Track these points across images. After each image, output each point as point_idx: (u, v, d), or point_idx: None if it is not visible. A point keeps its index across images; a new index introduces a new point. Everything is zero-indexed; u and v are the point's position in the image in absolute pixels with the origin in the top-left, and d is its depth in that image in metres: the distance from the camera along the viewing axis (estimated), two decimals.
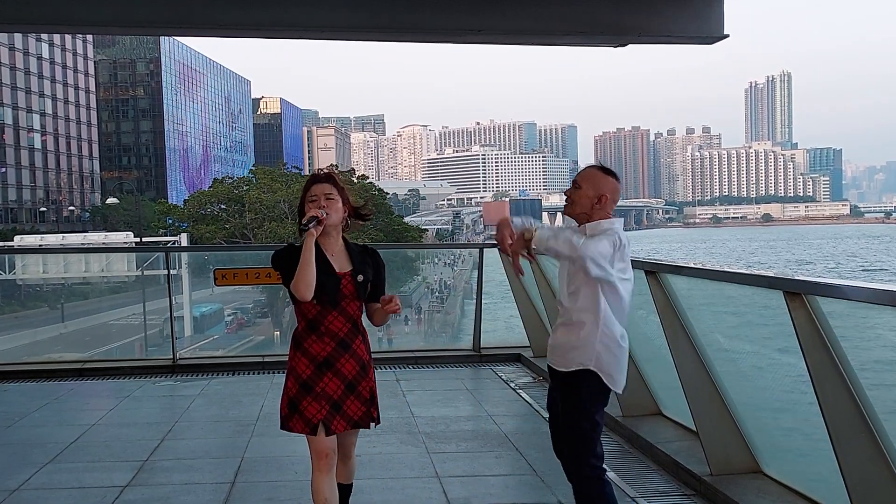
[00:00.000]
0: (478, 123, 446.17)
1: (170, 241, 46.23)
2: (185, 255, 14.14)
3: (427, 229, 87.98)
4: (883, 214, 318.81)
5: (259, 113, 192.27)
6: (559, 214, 4.21)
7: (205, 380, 8.35)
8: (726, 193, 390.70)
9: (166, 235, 53.59)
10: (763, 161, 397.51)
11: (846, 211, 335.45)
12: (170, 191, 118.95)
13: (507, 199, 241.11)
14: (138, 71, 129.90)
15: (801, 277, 3.95)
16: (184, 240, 45.82)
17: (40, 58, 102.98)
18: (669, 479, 5.03)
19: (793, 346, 3.81)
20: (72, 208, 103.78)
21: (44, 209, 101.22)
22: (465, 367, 8.87)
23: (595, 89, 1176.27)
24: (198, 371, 8.73)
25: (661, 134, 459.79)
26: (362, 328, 3.62)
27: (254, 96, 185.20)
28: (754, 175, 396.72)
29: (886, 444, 3.49)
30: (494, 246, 9.51)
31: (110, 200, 79.44)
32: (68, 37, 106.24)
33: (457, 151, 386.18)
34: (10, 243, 51.32)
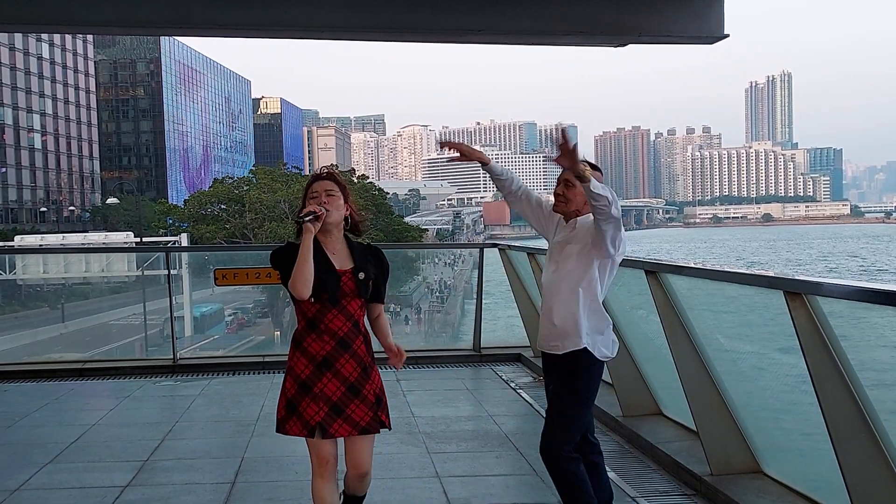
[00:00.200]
0: (478, 123, 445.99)
1: (170, 241, 46.22)
2: (185, 255, 14.14)
3: (427, 229, 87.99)
4: (883, 214, 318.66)
5: (259, 113, 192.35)
6: None
7: (205, 380, 8.36)
8: (726, 193, 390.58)
9: (166, 235, 53.59)
10: (763, 161, 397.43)
11: (846, 211, 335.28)
12: (170, 191, 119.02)
13: None
14: (138, 71, 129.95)
15: (801, 277, 3.95)
16: (184, 240, 45.79)
17: (40, 58, 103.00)
18: (670, 479, 5.03)
19: (793, 345, 3.81)
20: (72, 208, 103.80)
21: (44, 209, 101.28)
22: (466, 367, 8.88)
23: (595, 89, 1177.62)
24: (198, 371, 8.74)
25: (662, 134, 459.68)
26: (364, 329, 3.51)
27: (254, 96, 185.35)
28: (754, 175, 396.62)
29: (886, 443, 3.48)
30: (495, 245, 9.52)
31: (110, 200, 79.43)
32: (68, 37, 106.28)
33: None
34: (10, 243, 51.32)
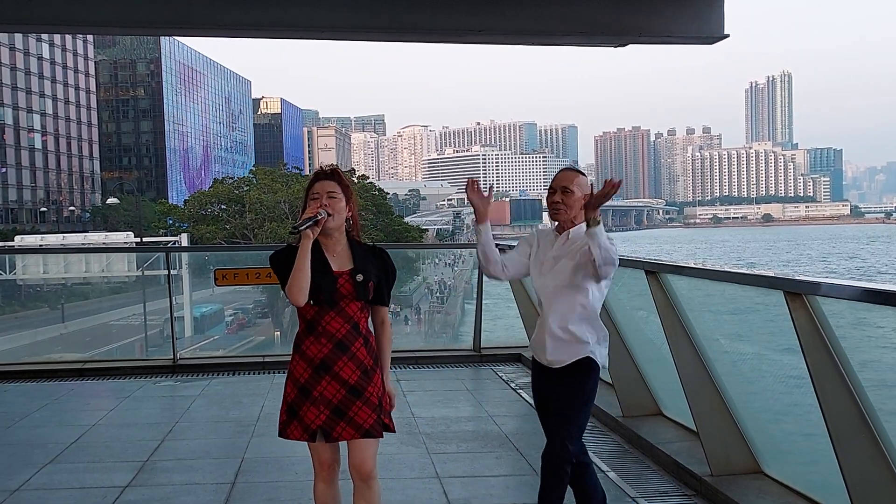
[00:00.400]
0: (478, 124, 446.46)
1: (170, 242, 46.23)
2: (185, 256, 14.12)
3: (427, 229, 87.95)
4: (883, 215, 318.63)
5: (259, 113, 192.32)
6: None
7: (205, 380, 8.36)
8: (727, 194, 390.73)
9: (167, 236, 53.61)
10: (763, 161, 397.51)
11: (846, 211, 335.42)
12: (170, 191, 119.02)
13: (507, 200, 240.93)
14: (139, 71, 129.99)
15: (801, 277, 3.95)
16: (184, 240, 45.78)
17: (41, 58, 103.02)
18: (670, 479, 5.02)
19: (793, 346, 3.81)
20: (72, 208, 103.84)
21: (44, 209, 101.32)
22: (466, 367, 8.87)
23: (595, 89, 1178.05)
24: (198, 371, 8.74)
25: (662, 134, 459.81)
26: (365, 332, 3.41)
27: (254, 96, 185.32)
28: (755, 175, 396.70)
29: (887, 444, 3.48)
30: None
31: (111, 201, 79.48)
32: (69, 37, 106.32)
33: (457, 151, 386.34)
34: (10, 243, 51.34)
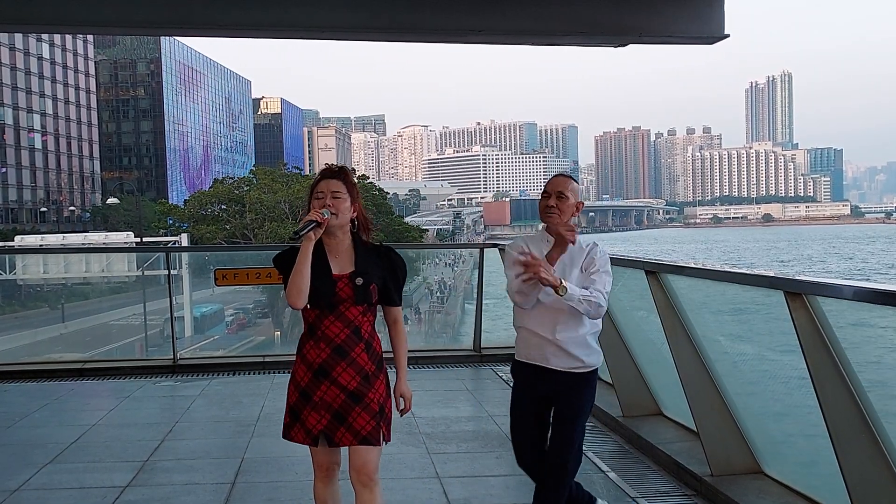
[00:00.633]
0: (478, 124, 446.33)
1: (170, 242, 46.22)
2: (185, 256, 14.13)
3: (427, 229, 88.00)
4: (884, 215, 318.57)
5: (259, 113, 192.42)
6: None
7: (205, 380, 8.36)
8: (727, 194, 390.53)
9: (167, 236, 53.59)
10: (764, 161, 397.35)
11: (847, 211, 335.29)
12: (170, 191, 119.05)
13: (507, 200, 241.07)
14: (139, 71, 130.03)
15: (801, 277, 3.95)
16: (184, 240, 45.75)
17: (41, 58, 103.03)
18: (670, 479, 5.02)
19: (793, 346, 3.81)
20: (72, 208, 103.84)
21: (44, 209, 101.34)
22: (466, 367, 8.87)
23: (596, 89, 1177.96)
24: (198, 371, 8.74)
25: (662, 134, 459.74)
26: (368, 336, 3.31)
27: (254, 96, 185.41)
28: (755, 175, 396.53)
29: (887, 444, 3.48)
30: (495, 246, 9.51)
31: (111, 200, 79.46)
32: (69, 37, 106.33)
33: (457, 152, 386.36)
34: (10, 243, 51.32)
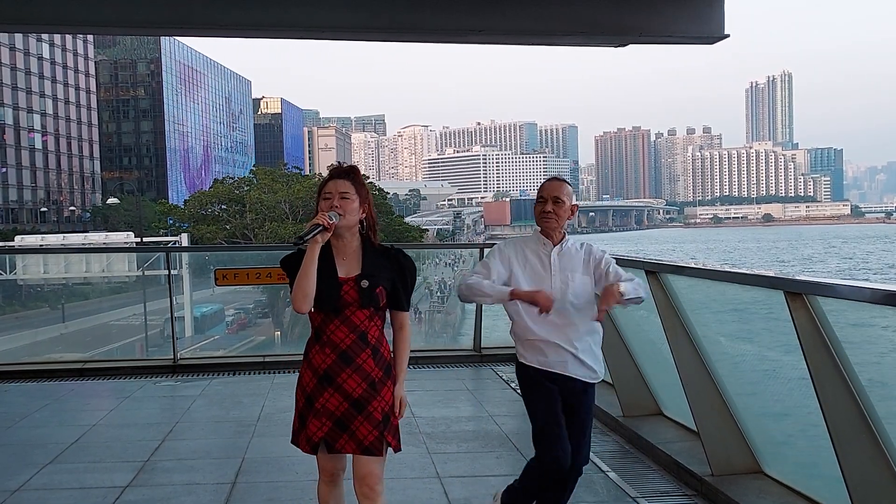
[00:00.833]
0: (478, 124, 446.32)
1: (170, 242, 46.20)
2: (185, 256, 14.13)
3: (428, 229, 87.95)
4: (884, 215, 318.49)
5: (260, 113, 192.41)
6: None
7: (205, 380, 8.36)
8: (727, 193, 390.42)
9: (167, 236, 53.58)
10: (764, 161, 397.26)
11: (847, 211, 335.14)
12: (170, 191, 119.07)
13: (507, 200, 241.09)
14: (139, 71, 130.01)
15: (801, 278, 3.95)
16: (184, 240, 45.71)
17: (41, 58, 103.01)
18: (670, 479, 5.02)
19: (794, 346, 3.81)
20: (72, 208, 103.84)
21: (44, 209, 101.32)
22: (466, 367, 8.87)
23: (596, 89, 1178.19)
24: (198, 371, 8.74)
25: (662, 134, 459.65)
26: (375, 342, 3.21)
27: (254, 96, 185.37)
28: (755, 175, 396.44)
29: (887, 444, 3.48)
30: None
31: (111, 200, 79.50)
32: (69, 37, 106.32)
33: (457, 151, 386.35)
34: (10, 243, 51.30)
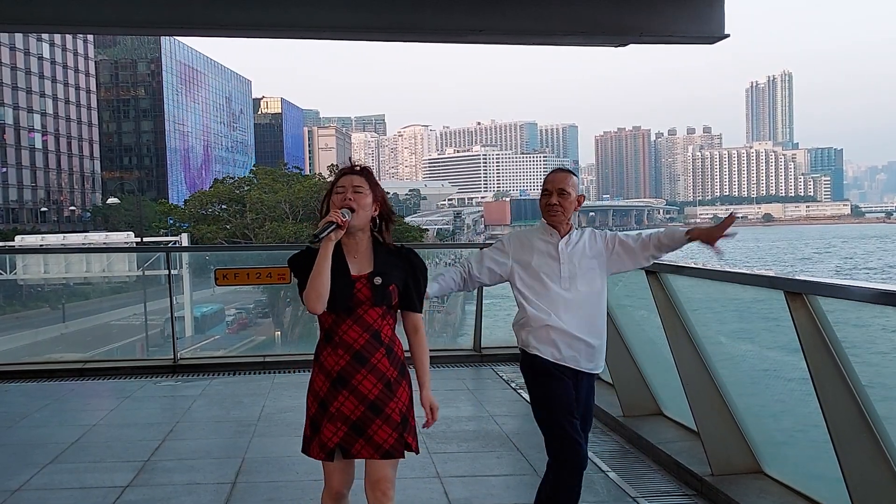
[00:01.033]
0: (479, 123, 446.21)
1: (171, 242, 46.20)
2: (185, 255, 14.13)
3: (428, 229, 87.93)
4: (884, 214, 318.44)
5: (260, 113, 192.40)
6: None
7: (206, 380, 8.37)
8: (727, 193, 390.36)
9: (167, 235, 53.58)
10: (764, 161, 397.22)
11: (847, 211, 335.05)
12: (171, 191, 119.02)
13: (507, 199, 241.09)
14: (139, 71, 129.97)
15: (801, 278, 3.95)
16: (184, 240, 45.71)
17: (41, 58, 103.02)
18: (670, 479, 5.03)
19: (794, 346, 3.81)
20: (73, 208, 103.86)
21: (45, 209, 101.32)
22: (466, 367, 8.88)
23: (596, 89, 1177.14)
24: (199, 371, 8.75)
25: (662, 134, 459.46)
26: (389, 340, 3.16)
27: (255, 96, 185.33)
28: (755, 175, 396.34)
29: (887, 444, 3.48)
30: None
31: (111, 200, 79.44)
32: (69, 37, 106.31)
33: (458, 151, 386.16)
34: (10, 243, 51.32)
